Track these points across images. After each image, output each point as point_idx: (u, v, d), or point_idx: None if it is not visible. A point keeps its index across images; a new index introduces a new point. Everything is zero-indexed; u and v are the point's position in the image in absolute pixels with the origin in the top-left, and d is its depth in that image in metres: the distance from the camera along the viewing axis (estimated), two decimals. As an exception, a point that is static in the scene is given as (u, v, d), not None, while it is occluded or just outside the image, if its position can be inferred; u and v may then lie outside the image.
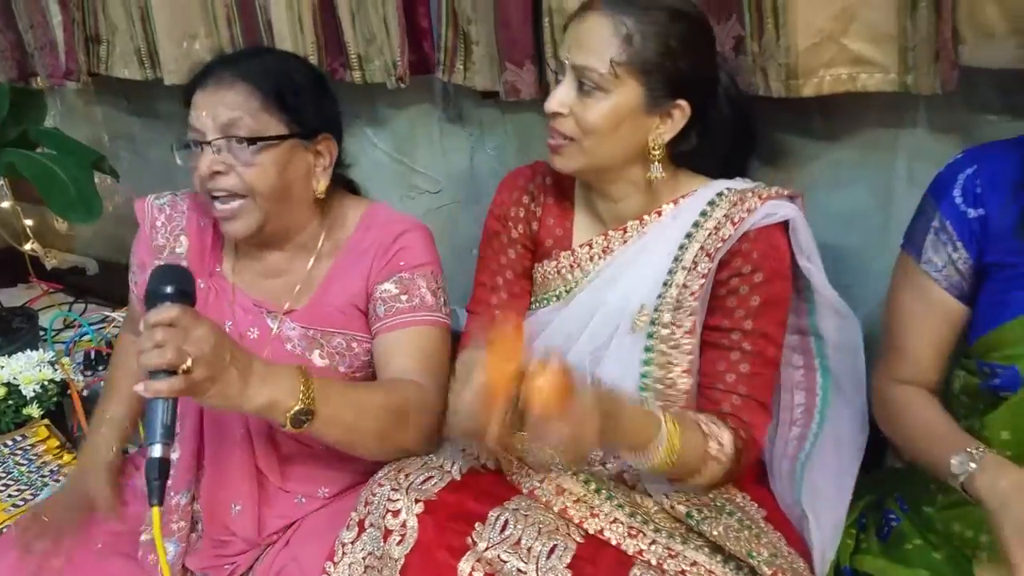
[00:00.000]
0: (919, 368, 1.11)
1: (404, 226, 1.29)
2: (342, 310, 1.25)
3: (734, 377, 1.14)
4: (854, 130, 1.39)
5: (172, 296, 0.97)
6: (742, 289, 1.14)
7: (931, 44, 1.17)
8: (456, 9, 1.61)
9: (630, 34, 1.08)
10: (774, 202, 1.15)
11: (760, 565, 1.03)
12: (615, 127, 1.12)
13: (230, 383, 0.96)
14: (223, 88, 1.18)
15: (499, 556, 1.02)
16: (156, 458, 0.93)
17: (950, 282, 1.08)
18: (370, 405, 1.09)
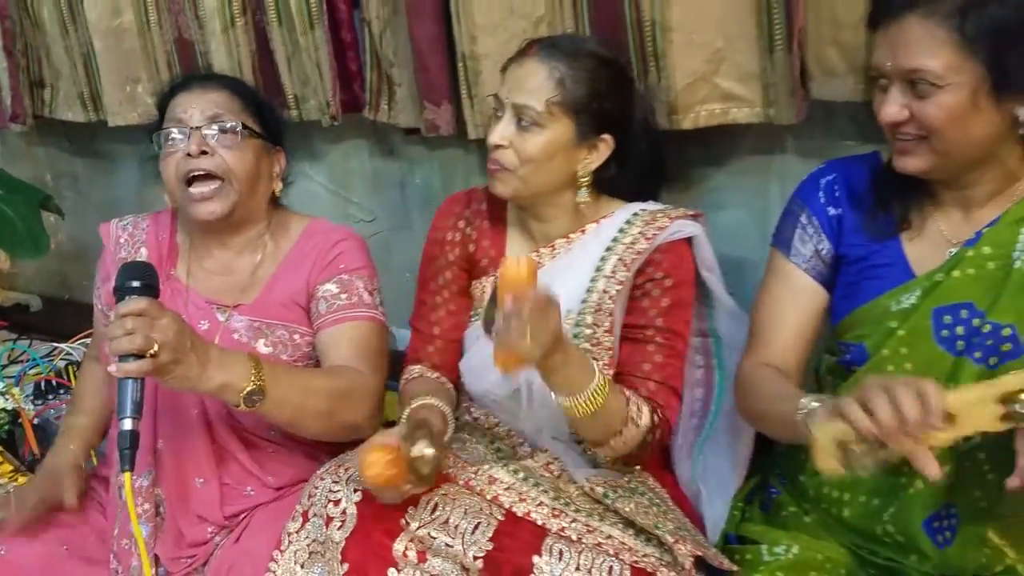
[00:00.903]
0: (781, 351, 1.25)
1: (342, 235, 1.46)
2: (284, 305, 1.40)
3: (649, 366, 1.30)
4: (733, 158, 1.60)
5: (139, 289, 1.10)
6: (654, 292, 1.30)
7: (787, 81, 1.38)
8: (380, 55, 1.77)
9: (563, 78, 1.25)
10: (681, 221, 1.32)
11: (664, 534, 1.18)
12: (549, 158, 1.27)
13: (190, 366, 1.09)
14: (208, 90, 1.40)
15: (429, 534, 1.16)
16: (127, 430, 1.08)
17: (816, 271, 1.25)
18: (316, 388, 1.24)
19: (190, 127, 1.35)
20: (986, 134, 1.06)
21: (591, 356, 1.29)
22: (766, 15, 1.36)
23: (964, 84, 1.03)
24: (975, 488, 1.14)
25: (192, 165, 1.33)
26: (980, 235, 1.13)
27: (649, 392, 1.29)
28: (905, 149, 1.11)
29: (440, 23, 1.64)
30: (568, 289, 1.31)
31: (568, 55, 1.26)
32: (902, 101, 1.07)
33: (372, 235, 2.15)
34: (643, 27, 1.43)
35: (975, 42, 1.01)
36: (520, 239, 1.42)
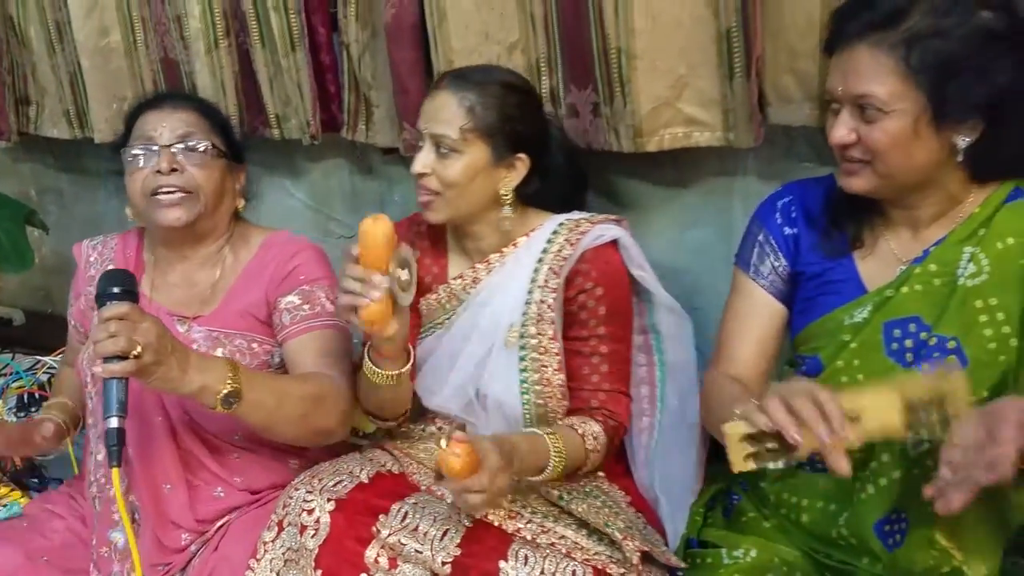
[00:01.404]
0: (742, 364, 1.31)
1: (300, 246, 1.50)
2: (242, 316, 1.45)
3: (598, 377, 1.37)
4: (699, 179, 1.66)
5: (120, 295, 1.15)
6: (589, 303, 1.36)
7: (746, 107, 1.44)
8: (358, 77, 1.83)
9: (472, 106, 1.32)
10: (603, 225, 1.40)
11: (614, 532, 1.24)
12: (470, 180, 1.34)
13: (171, 368, 1.14)
14: (179, 109, 1.45)
15: (399, 540, 1.21)
16: (114, 428, 1.12)
17: (774, 287, 1.31)
18: (291, 392, 1.29)
19: (160, 145, 1.40)
20: (926, 160, 1.13)
21: (540, 364, 1.35)
22: (726, 44, 1.43)
23: (907, 111, 1.09)
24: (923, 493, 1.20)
25: (161, 181, 1.38)
26: (927, 253, 1.19)
27: (600, 402, 1.36)
28: (851, 170, 1.17)
29: (418, 48, 1.70)
30: (507, 302, 1.38)
31: (477, 84, 1.34)
32: (851, 124, 1.13)
33: (352, 251, 2.21)
34: (609, 54, 1.50)
35: (919, 73, 1.07)
36: (459, 257, 1.48)
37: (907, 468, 1.18)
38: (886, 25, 1.08)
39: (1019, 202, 1.16)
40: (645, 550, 1.21)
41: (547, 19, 1.57)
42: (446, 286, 1.46)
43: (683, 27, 1.46)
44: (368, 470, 1.34)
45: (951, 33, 1.06)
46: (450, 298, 1.45)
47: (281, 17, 1.83)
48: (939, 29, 1.06)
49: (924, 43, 1.07)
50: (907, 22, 1.07)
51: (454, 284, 1.45)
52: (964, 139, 1.11)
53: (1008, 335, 1.14)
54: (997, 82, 1.07)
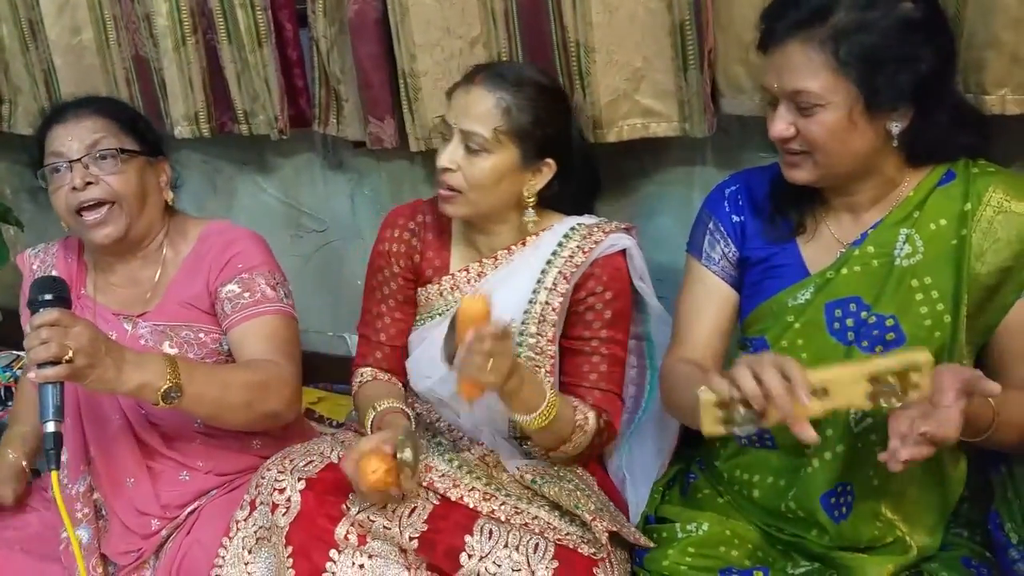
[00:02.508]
0: (699, 348, 1.35)
1: (237, 235, 1.51)
2: (185, 307, 1.47)
3: (596, 376, 1.40)
4: (660, 169, 1.71)
5: (51, 301, 1.17)
6: (597, 306, 1.39)
7: (700, 97, 1.49)
8: (327, 71, 1.86)
9: (508, 107, 1.33)
10: (615, 235, 1.42)
11: (584, 513, 1.27)
12: (496, 182, 1.35)
13: (107, 368, 1.16)
14: (83, 118, 1.43)
15: (368, 517, 1.25)
16: (51, 432, 1.14)
17: (725, 272, 1.36)
18: (233, 381, 1.31)
19: (70, 160, 1.39)
20: (863, 147, 1.18)
21: (535, 364, 1.38)
22: (679, 37, 1.48)
23: (841, 103, 1.13)
24: (868, 467, 1.25)
25: (81, 198, 1.38)
26: (865, 236, 1.24)
27: (595, 400, 1.39)
28: (793, 162, 1.22)
29: (381, 42, 1.73)
30: (510, 299, 1.39)
31: (513, 84, 1.34)
32: (788, 119, 1.18)
33: (324, 244, 2.24)
34: (568, 47, 1.54)
35: (848, 66, 1.12)
36: (464, 250, 1.50)
37: (851, 442, 1.24)
38: (813, 22, 1.13)
39: (950, 185, 1.22)
40: (613, 530, 1.25)
41: (508, 13, 1.61)
42: (450, 277, 1.47)
43: (639, 20, 1.50)
44: (338, 451, 1.36)
45: (875, 25, 1.11)
46: (453, 289, 1.47)
47: (248, 14, 1.85)
48: (864, 23, 1.11)
49: (851, 37, 1.11)
50: (833, 18, 1.12)
51: (459, 276, 1.46)
52: (897, 125, 1.16)
53: (942, 312, 1.20)
54: (921, 69, 1.12)
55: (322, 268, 2.24)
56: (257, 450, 1.49)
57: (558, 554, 1.22)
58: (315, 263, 2.25)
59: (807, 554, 1.28)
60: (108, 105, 1.50)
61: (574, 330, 1.42)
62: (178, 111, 2.03)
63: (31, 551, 1.42)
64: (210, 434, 1.46)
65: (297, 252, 2.25)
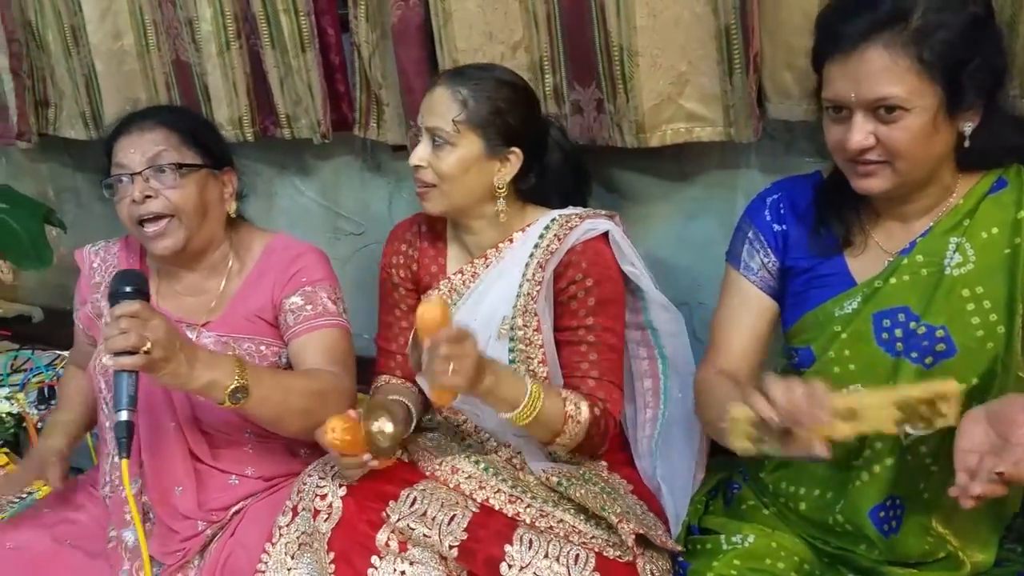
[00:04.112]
0: (735, 358, 1.33)
1: (302, 250, 1.54)
2: (249, 320, 1.49)
3: (587, 364, 1.39)
4: (701, 173, 1.69)
5: (131, 293, 1.20)
6: (579, 293, 1.39)
7: (745, 102, 1.47)
8: (369, 76, 1.87)
9: (465, 99, 1.36)
10: (592, 220, 1.42)
11: (609, 515, 1.27)
12: (464, 172, 1.38)
13: (180, 364, 1.18)
14: (146, 131, 1.44)
15: (409, 525, 1.25)
16: (123, 421, 1.17)
17: (764, 283, 1.34)
18: (296, 388, 1.33)
19: (131, 172, 1.41)
20: (941, 151, 1.15)
21: (526, 355, 1.39)
22: (725, 41, 1.46)
23: (927, 107, 1.10)
24: (919, 480, 1.23)
25: (140, 210, 1.40)
26: (914, 244, 1.22)
27: (589, 389, 1.38)
28: (868, 172, 1.16)
29: (423, 47, 1.74)
30: (502, 295, 1.41)
31: (470, 79, 1.38)
32: (868, 128, 1.12)
33: (361, 247, 2.25)
34: (611, 51, 1.53)
35: (931, 67, 1.08)
36: (458, 253, 1.52)
37: (901, 455, 1.21)
38: (894, 23, 1.09)
39: (1003, 192, 1.19)
40: (640, 532, 1.24)
41: (550, 18, 1.61)
42: (447, 281, 1.49)
43: (683, 24, 1.49)
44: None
45: (952, 24, 1.09)
46: (451, 292, 1.48)
47: (291, 19, 1.87)
48: (942, 21, 1.09)
49: (932, 37, 1.08)
50: (913, 19, 1.09)
51: (454, 279, 1.49)
52: (969, 125, 1.13)
53: (995, 322, 1.17)
54: (994, 66, 1.11)
55: (359, 271, 2.25)
56: (304, 458, 1.50)
57: (599, 565, 1.21)
58: (352, 266, 2.25)
59: (855, 568, 1.26)
60: (173, 116, 1.51)
61: (562, 320, 1.41)
62: (221, 115, 2.05)
63: (79, 547, 1.44)
64: (260, 441, 1.47)
65: (334, 255, 2.23)
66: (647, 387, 1.52)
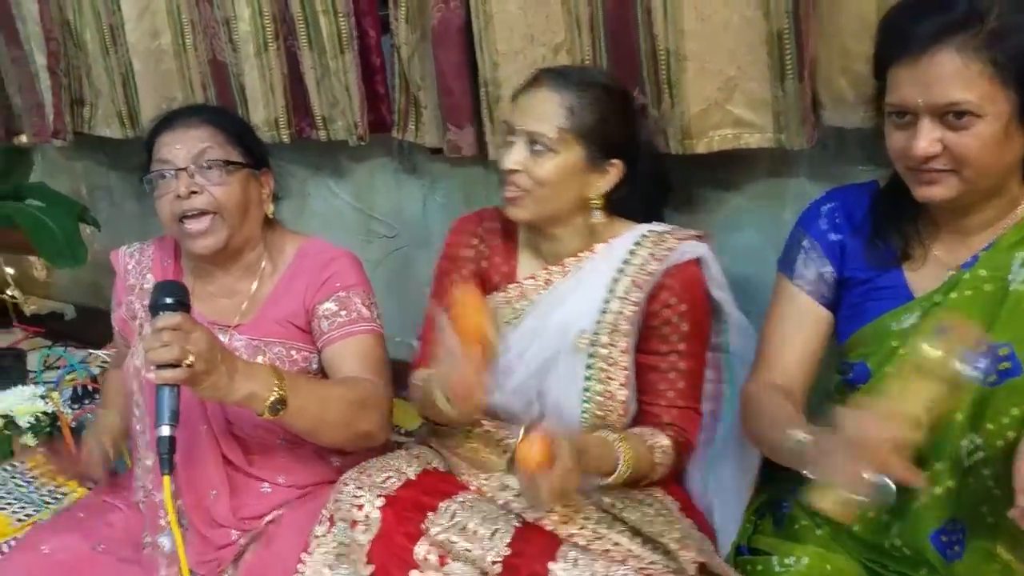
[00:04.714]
0: (786, 372, 1.29)
1: (335, 254, 1.51)
2: (281, 324, 1.47)
3: (673, 393, 1.35)
4: (750, 182, 1.65)
5: (172, 305, 1.18)
6: (673, 319, 1.35)
7: (798, 108, 1.43)
8: (408, 78, 1.85)
9: (572, 107, 1.31)
10: (688, 243, 1.37)
11: (669, 542, 1.23)
12: (561, 181, 1.33)
13: (220, 376, 1.16)
14: (191, 127, 1.43)
15: (449, 539, 1.22)
16: (165, 436, 1.15)
17: (819, 293, 1.29)
18: (333, 397, 1.31)
19: (176, 168, 1.39)
20: (1012, 159, 1.10)
21: (607, 375, 1.34)
22: (777, 46, 1.42)
23: (1000, 114, 1.05)
24: (981, 504, 1.17)
25: (185, 206, 1.39)
26: (977, 258, 1.17)
27: (672, 419, 1.34)
28: (932, 180, 1.12)
29: (463, 50, 1.71)
30: (580, 308, 1.36)
31: (577, 85, 1.33)
32: (935, 135, 1.08)
33: (394, 250, 2.23)
34: (658, 56, 1.50)
35: (1006, 71, 1.04)
36: (530, 258, 1.47)
37: (962, 477, 1.17)
38: (968, 26, 1.04)
39: None
40: (702, 561, 1.21)
41: (593, 21, 1.57)
42: (517, 286, 1.44)
43: (732, 28, 1.45)
44: (415, 467, 1.34)
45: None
46: (520, 297, 1.43)
47: (331, 20, 1.85)
48: (1019, 25, 1.04)
49: (1008, 40, 1.04)
50: (989, 20, 1.04)
51: (526, 284, 1.43)
52: None
53: (1065, 342, 1.12)
54: None
55: (391, 274, 2.23)
56: (336, 466, 1.48)
57: (648, 588, 1.17)
58: (384, 269, 2.23)
59: (914, 593, 1.21)
60: (217, 115, 1.51)
61: (650, 344, 1.37)
62: (258, 116, 2.04)
63: (113, 552, 1.42)
64: (292, 449, 1.45)
65: (366, 257, 2.19)
66: (707, 409, 1.46)
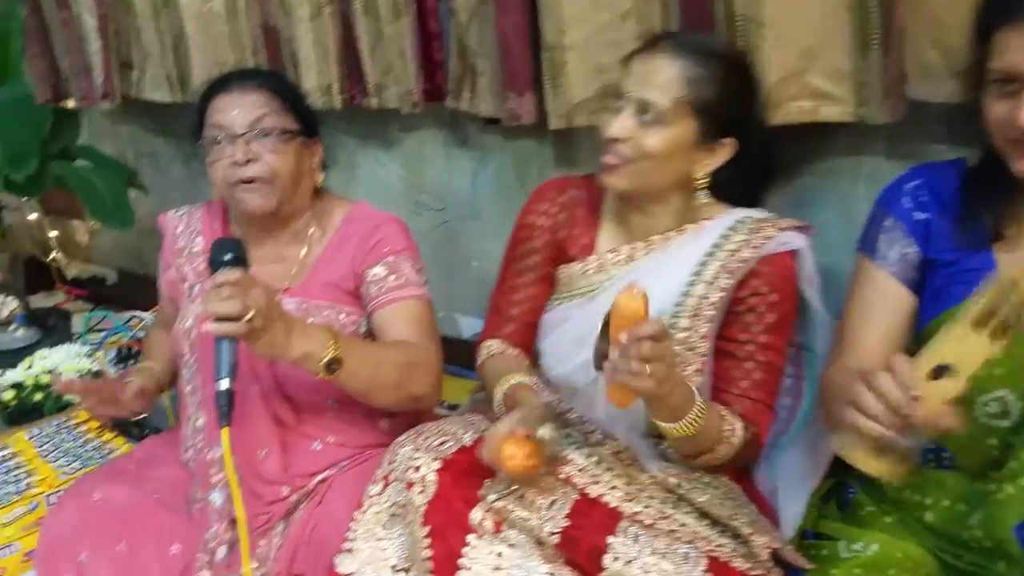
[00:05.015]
0: (868, 358, 1.23)
1: (383, 219, 1.50)
2: (329, 288, 1.46)
3: (748, 383, 1.30)
4: (822, 157, 1.58)
5: (231, 261, 1.17)
6: (760, 307, 1.29)
7: (881, 81, 1.37)
8: (465, 44, 1.80)
9: (693, 77, 1.24)
10: (788, 233, 1.31)
11: (741, 526, 1.18)
12: (668, 156, 1.27)
13: (277, 334, 1.15)
14: (248, 92, 1.42)
15: (506, 506, 1.17)
16: (224, 390, 1.14)
17: (903, 274, 1.24)
18: (386, 359, 1.31)
19: (232, 134, 1.38)
20: None
21: (682, 361, 1.28)
22: (862, 14, 1.36)
23: None
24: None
25: (240, 173, 1.38)
26: None
27: (744, 409, 1.29)
28: None
29: (526, 13, 1.66)
30: (661, 288, 1.30)
31: (700, 55, 1.26)
32: None
33: (441, 223, 2.19)
34: (735, 22, 1.44)
35: None
36: (615, 231, 1.41)
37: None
38: None
39: None
40: (775, 547, 1.16)
41: (664, -15, 1.52)
42: (596, 257, 1.40)
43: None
44: (470, 433, 1.30)
45: None
46: (598, 271, 1.39)
47: (387, -16, 1.81)
48: None
49: None
50: None
51: (606, 257, 1.39)
52: None
53: None
54: None
55: (438, 247, 2.19)
56: (385, 428, 1.47)
57: (711, 567, 1.12)
58: (431, 242, 2.19)
59: (991, 586, 1.16)
60: (273, 80, 1.49)
61: (730, 331, 1.31)
62: (311, 82, 2.01)
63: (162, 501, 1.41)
64: (341, 410, 1.43)
65: (413, 229, 2.13)
66: (783, 404, 1.41)
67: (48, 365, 1.84)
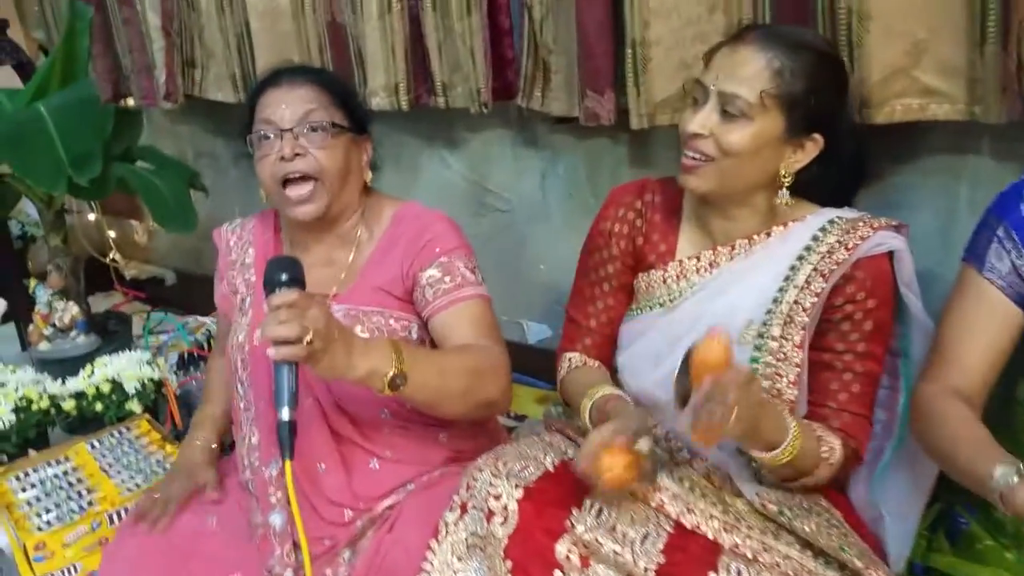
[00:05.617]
0: (968, 376, 1.16)
1: (432, 218, 1.44)
2: (379, 293, 1.40)
3: (846, 396, 1.22)
4: (920, 156, 1.48)
5: (287, 282, 1.11)
6: (856, 314, 1.21)
7: (998, 77, 1.26)
8: (538, 41, 1.73)
9: (781, 69, 1.17)
10: (884, 232, 1.23)
11: (852, 559, 1.10)
12: (753, 153, 1.19)
13: (338, 354, 1.09)
14: (297, 87, 1.38)
15: (596, 539, 1.10)
16: (285, 421, 1.08)
17: (1013, 288, 1.15)
18: (452, 367, 1.23)
19: (282, 129, 1.34)
20: None
21: (776, 372, 1.21)
22: (979, 5, 1.25)
23: None
24: None
25: (287, 169, 1.34)
26: None
27: (842, 423, 1.21)
28: None
29: (608, 7, 1.58)
30: (749, 296, 1.24)
31: (788, 46, 1.18)
32: None
33: (507, 225, 2.13)
34: (837, 14, 1.34)
35: None
36: (695, 236, 1.34)
37: None
38: None
39: None
40: None
41: (756, -25, 1.43)
42: (676, 264, 1.33)
43: (925, -15, 1.29)
44: (552, 457, 1.23)
45: None
46: (679, 278, 1.32)
47: (458, -21, 1.75)
48: None
49: None
50: None
51: (687, 264, 1.32)
52: None
53: None
54: None
55: (503, 250, 2.12)
56: (444, 443, 1.41)
57: (818, 605, 1.04)
58: (496, 244, 2.13)
59: None
60: (323, 76, 1.46)
61: (825, 340, 1.23)
62: (377, 82, 1.95)
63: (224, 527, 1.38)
64: (397, 423, 1.38)
65: (477, 231, 2.13)
66: (879, 418, 1.31)
67: (110, 373, 1.81)
